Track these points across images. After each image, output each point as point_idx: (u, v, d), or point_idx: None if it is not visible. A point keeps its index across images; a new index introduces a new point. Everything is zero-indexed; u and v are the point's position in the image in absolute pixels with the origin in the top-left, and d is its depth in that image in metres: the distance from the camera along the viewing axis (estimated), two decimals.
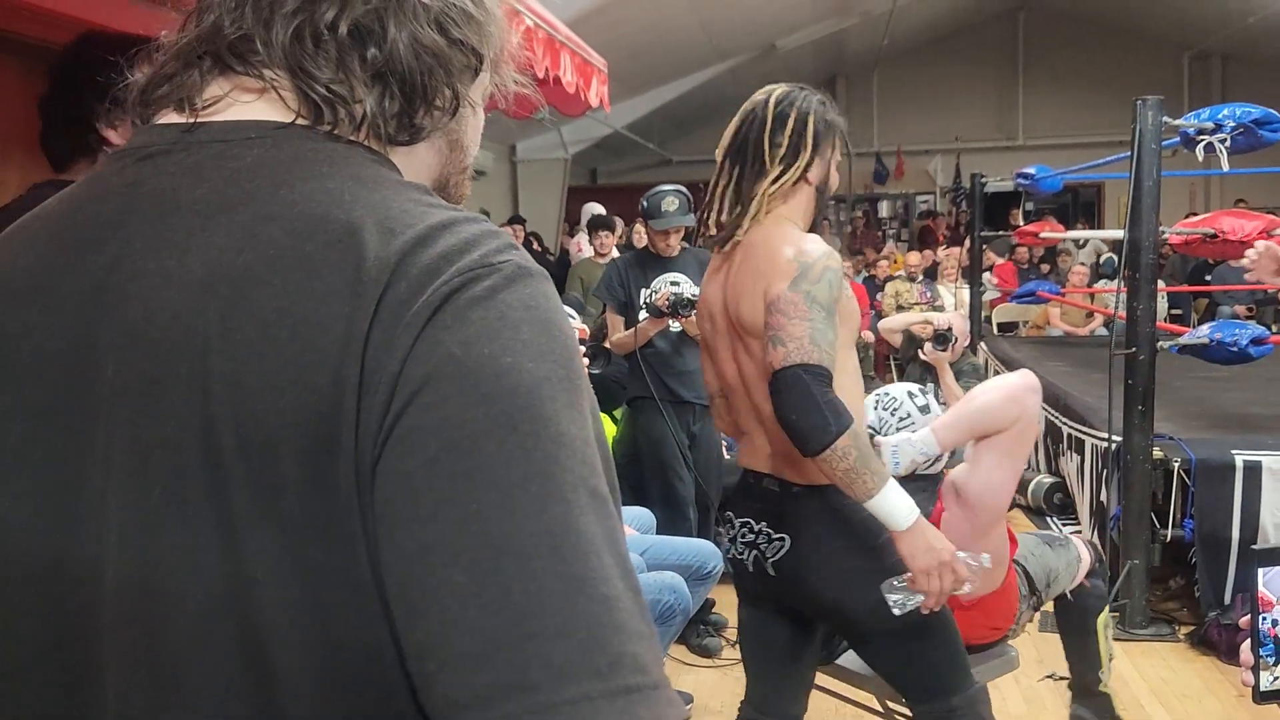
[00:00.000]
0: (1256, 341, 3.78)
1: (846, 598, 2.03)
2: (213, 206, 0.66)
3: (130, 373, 0.63)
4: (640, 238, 7.24)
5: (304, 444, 0.59)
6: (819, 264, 1.92)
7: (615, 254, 7.29)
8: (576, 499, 0.59)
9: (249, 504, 0.60)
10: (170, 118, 0.72)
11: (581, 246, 7.35)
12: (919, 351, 4.87)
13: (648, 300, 4.03)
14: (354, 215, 0.64)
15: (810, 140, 2.08)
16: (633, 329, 4.06)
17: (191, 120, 0.70)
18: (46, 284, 0.68)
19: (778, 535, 2.06)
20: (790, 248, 1.96)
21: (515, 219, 10.60)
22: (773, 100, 2.12)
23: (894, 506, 1.88)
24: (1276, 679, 1.10)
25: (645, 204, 4.10)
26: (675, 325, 4.05)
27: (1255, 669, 1.10)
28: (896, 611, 1.95)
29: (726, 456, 4.70)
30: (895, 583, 1.95)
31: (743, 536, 2.12)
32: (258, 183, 0.66)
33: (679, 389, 4.10)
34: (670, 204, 4.06)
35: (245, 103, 0.70)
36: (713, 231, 2.12)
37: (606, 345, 4.10)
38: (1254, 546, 1.75)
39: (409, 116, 0.72)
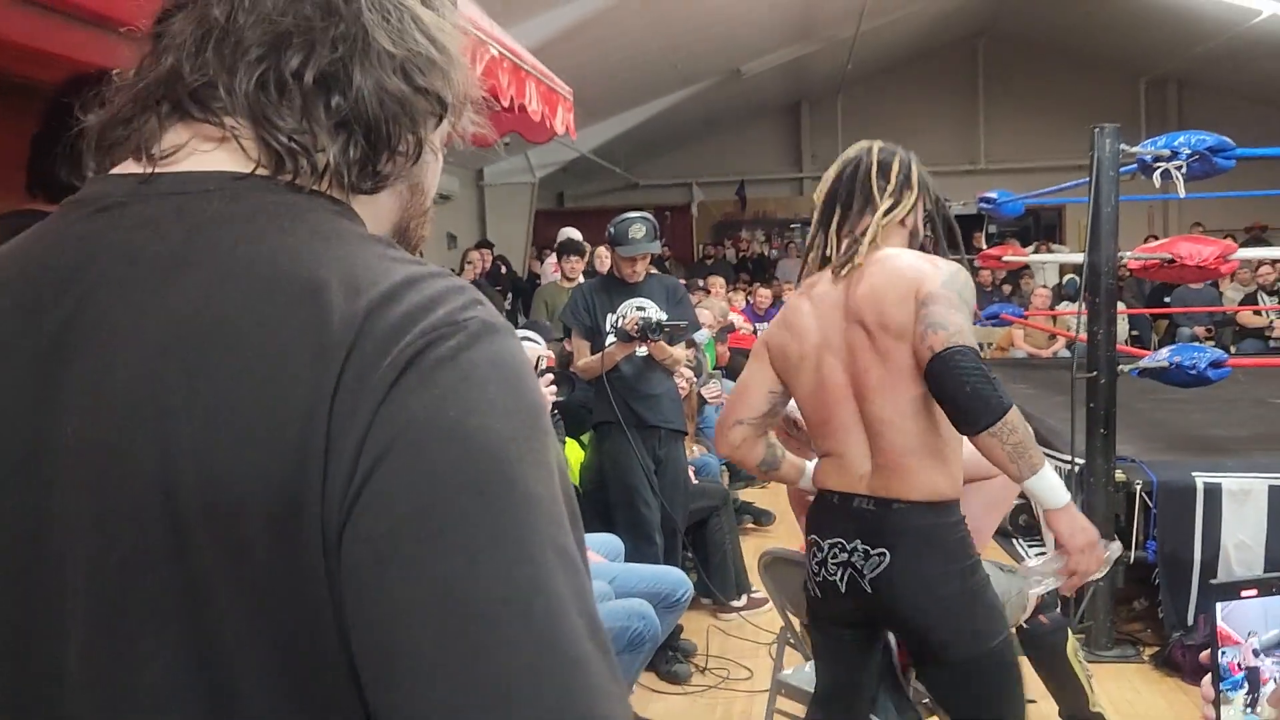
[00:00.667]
0: (1215, 365, 3.83)
1: (939, 617, 2.06)
2: (172, 263, 0.64)
3: (89, 435, 0.62)
4: (603, 263, 7.26)
5: (269, 509, 0.58)
6: (961, 273, 2.08)
7: (581, 279, 7.31)
8: (545, 559, 0.58)
9: (214, 568, 0.59)
10: (128, 166, 0.70)
11: (556, 269, 7.36)
12: None
13: (616, 325, 4.02)
14: (316, 273, 0.62)
15: (915, 183, 2.22)
16: (599, 353, 4.04)
17: (149, 170, 0.68)
18: (1, 339, 0.66)
19: (876, 551, 2.08)
20: (934, 260, 2.12)
21: (483, 243, 10.60)
22: (875, 149, 2.26)
23: (1053, 483, 1.97)
24: (1237, 714, 1.10)
25: (612, 231, 4.10)
26: (642, 350, 4.06)
27: (1215, 704, 1.11)
28: (1037, 591, 2.07)
29: (695, 481, 4.71)
30: (1033, 564, 2.06)
31: (834, 557, 2.14)
32: (217, 238, 0.65)
33: (645, 413, 4.10)
34: (637, 231, 4.06)
35: (204, 152, 0.69)
36: (814, 269, 2.26)
37: (572, 371, 4.09)
38: (1212, 581, 1.76)
39: (373, 164, 0.71)
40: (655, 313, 4.07)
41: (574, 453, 4.53)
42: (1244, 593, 1.11)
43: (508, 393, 0.61)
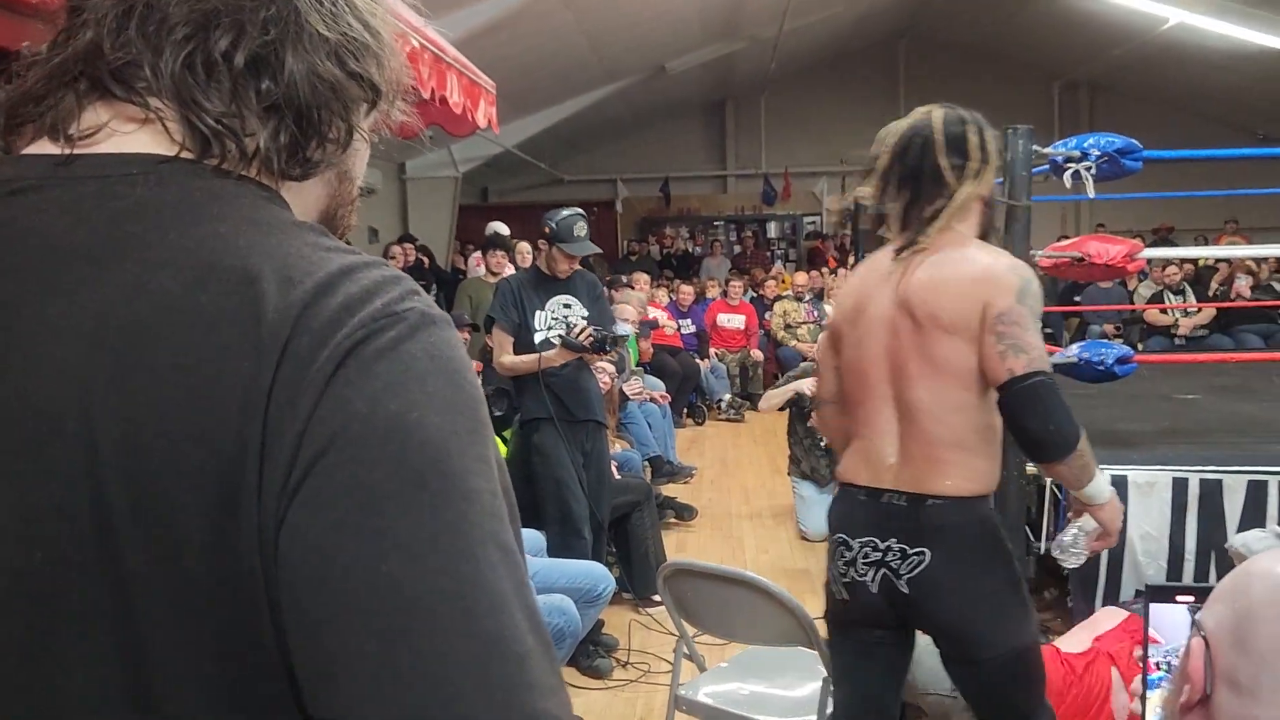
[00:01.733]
0: (1122, 361, 3.94)
1: (979, 616, 2.03)
2: (98, 251, 0.61)
3: (12, 429, 0.59)
4: (524, 258, 7.23)
5: (204, 505, 0.57)
6: (1034, 283, 2.02)
7: (508, 271, 7.28)
8: (486, 555, 0.58)
9: (144, 569, 0.57)
10: (42, 146, 0.67)
11: (481, 263, 7.33)
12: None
13: (565, 335, 4.00)
14: (250, 262, 0.60)
15: (993, 156, 2.11)
16: (534, 355, 4.02)
17: (68, 152, 0.65)
18: None
19: (915, 550, 2.02)
20: (1005, 262, 2.05)
21: (405, 237, 10.49)
22: (940, 121, 2.10)
23: (1102, 486, 2.05)
24: (1154, 710, 1.14)
25: (555, 227, 4.07)
26: (583, 312, 4.12)
27: (1143, 699, 1.15)
28: (1073, 563, 2.19)
29: (617, 476, 4.71)
30: (1065, 539, 2.15)
31: (865, 556, 2.06)
32: (144, 225, 0.62)
33: (575, 408, 4.12)
34: (581, 230, 4.08)
35: (126, 133, 0.66)
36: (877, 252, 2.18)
37: (494, 366, 4.11)
38: (1148, 584, 1.84)
39: (303, 150, 0.69)
40: (579, 309, 4.11)
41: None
42: (1179, 597, 1.15)
43: (448, 386, 0.61)
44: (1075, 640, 3.09)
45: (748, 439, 8.57)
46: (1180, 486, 3.82)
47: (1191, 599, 1.15)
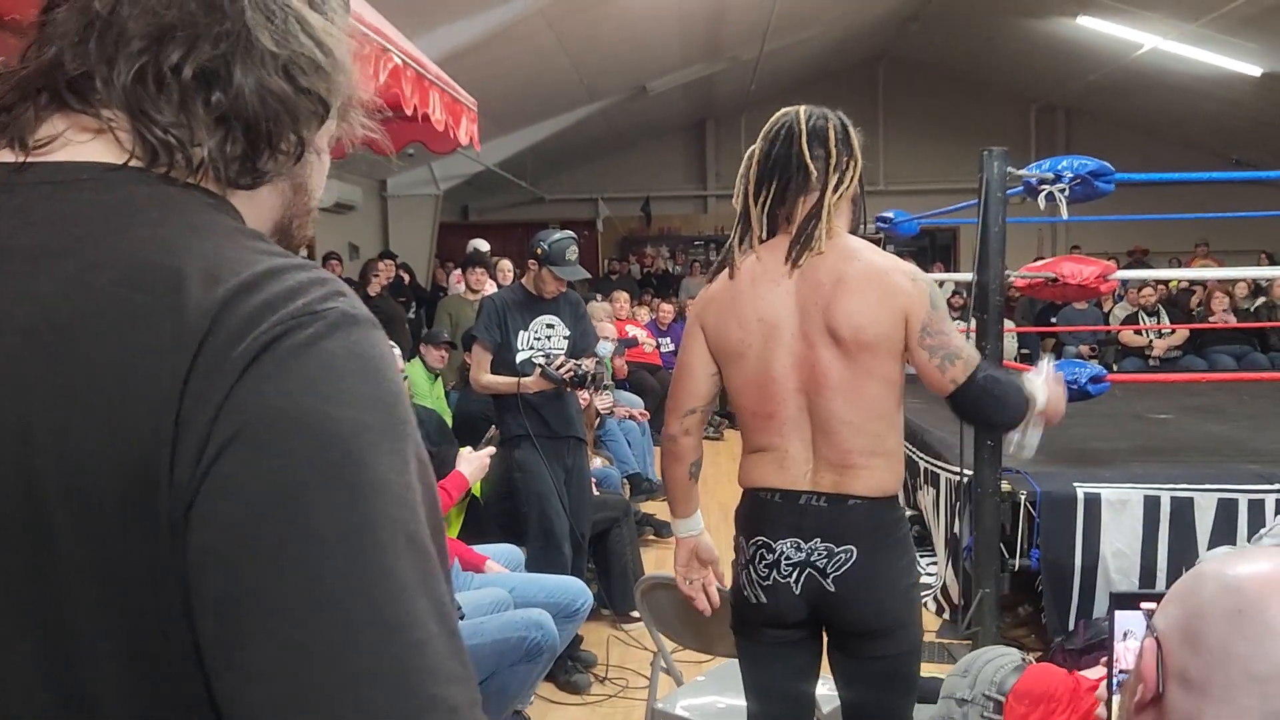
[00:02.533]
0: (1095, 380, 3.99)
1: (895, 612, 2.07)
2: (40, 252, 0.64)
3: None
4: (505, 275, 7.25)
5: (125, 491, 0.59)
6: (933, 283, 2.10)
7: (489, 289, 7.29)
8: (394, 545, 0.59)
9: (73, 552, 0.59)
10: (3, 155, 0.69)
11: (461, 280, 7.34)
12: None
13: (545, 366, 4.01)
14: (182, 263, 0.63)
15: (857, 149, 2.12)
16: (512, 379, 4.05)
17: (21, 159, 0.68)
18: None
19: (841, 548, 2.03)
20: (903, 268, 2.08)
21: (385, 254, 10.49)
22: (802, 115, 2.11)
23: (1039, 386, 2.19)
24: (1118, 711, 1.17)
25: (548, 249, 4.07)
26: (565, 333, 4.16)
27: (1108, 704, 1.17)
28: (1029, 455, 2.29)
29: (596, 492, 4.73)
30: (1028, 430, 2.24)
31: (788, 558, 2.05)
32: (88, 228, 0.65)
33: (556, 425, 4.14)
34: (573, 253, 4.12)
35: (80, 143, 0.69)
36: (747, 255, 2.12)
37: (471, 381, 4.16)
38: (1113, 591, 1.87)
39: (252, 160, 0.72)
40: (562, 329, 4.15)
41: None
42: (1143, 604, 1.17)
43: (364, 383, 0.62)
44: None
45: (726, 457, 8.57)
46: (1152, 504, 3.87)
47: (1155, 605, 1.18)
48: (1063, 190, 3.86)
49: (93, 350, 0.60)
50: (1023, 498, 3.92)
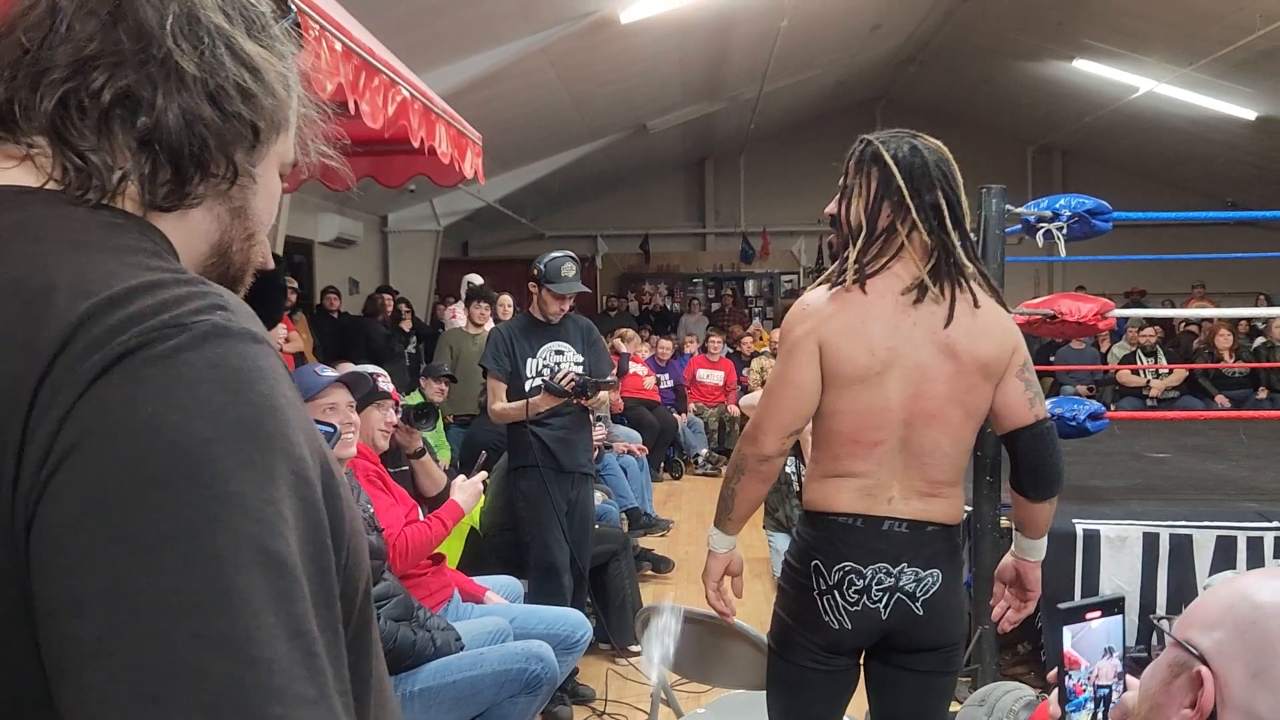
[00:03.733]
0: (1094, 417, 4.01)
1: (962, 630, 2.17)
2: None
3: None
4: (506, 311, 7.27)
5: None
6: None
7: (489, 325, 7.32)
8: (236, 558, 0.57)
9: None
10: None
11: (456, 314, 7.35)
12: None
13: (547, 380, 4.01)
14: (52, 277, 0.63)
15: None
16: (522, 402, 4.02)
17: None
18: None
19: (929, 572, 2.06)
20: (1006, 313, 2.14)
21: (384, 288, 10.53)
22: (926, 153, 2.10)
23: (1044, 543, 2.20)
24: None
25: (544, 269, 4.09)
26: (576, 358, 4.13)
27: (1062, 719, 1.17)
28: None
29: (595, 526, 4.72)
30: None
31: (879, 583, 2.05)
32: None
33: (563, 459, 4.11)
34: (569, 269, 4.09)
35: (5, 169, 0.70)
36: (882, 273, 2.05)
37: (489, 413, 4.10)
38: (1059, 605, 1.87)
39: (180, 184, 0.72)
40: (572, 354, 4.14)
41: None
42: (1088, 615, 1.17)
43: (222, 393, 0.60)
44: None
45: None
46: (1151, 541, 3.87)
47: (1099, 614, 1.18)
48: (1060, 228, 3.90)
49: None
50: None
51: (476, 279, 8.13)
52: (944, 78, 13.63)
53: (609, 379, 4.15)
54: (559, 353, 4.11)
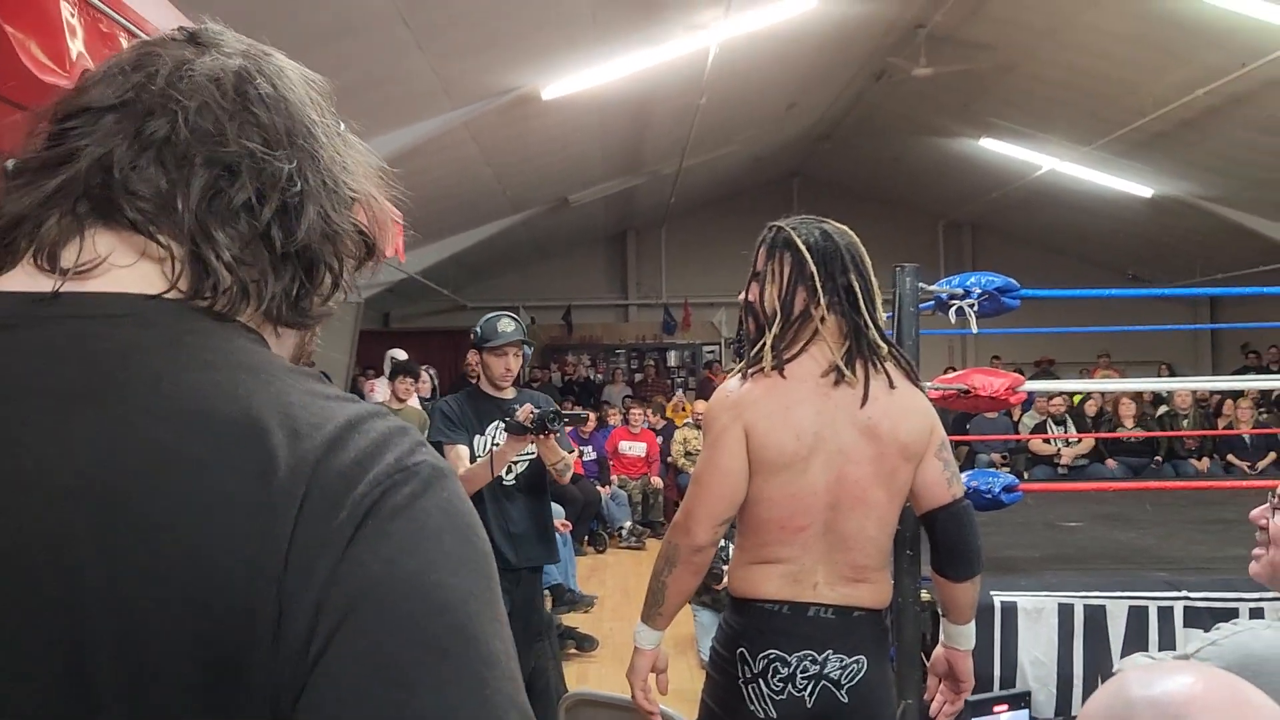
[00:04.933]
0: (1008, 489, 4.09)
1: (893, 713, 2.16)
2: (77, 396, 0.56)
3: None
4: (424, 387, 7.18)
5: (199, 675, 0.53)
6: None
7: (414, 401, 7.25)
8: None
9: None
10: (28, 275, 0.62)
11: (375, 389, 7.26)
12: None
13: (507, 421, 3.52)
14: (252, 412, 0.57)
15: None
16: (485, 458, 3.55)
17: (56, 288, 0.61)
18: None
19: (854, 659, 2.04)
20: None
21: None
22: (835, 235, 2.13)
23: (972, 629, 2.19)
24: None
25: (480, 331, 3.74)
26: (528, 453, 3.65)
27: None
28: None
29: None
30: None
31: (804, 670, 2.03)
32: (131, 370, 0.58)
33: (509, 553, 3.63)
34: (507, 325, 3.74)
35: (123, 267, 0.63)
36: (798, 359, 2.06)
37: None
38: (969, 699, 1.93)
39: (300, 299, 0.68)
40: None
41: None
42: (996, 708, 1.20)
43: (462, 544, 0.59)
44: None
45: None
46: (1066, 612, 3.93)
47: (1005, 707, 1.21)
48: (972, 305, 4.00)
49: (151, 511, 0.54)
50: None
51: (400, 354, 8.05)
52: (857, 154, 14.02)
53: (579, 413, 3.95)
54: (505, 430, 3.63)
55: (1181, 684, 0.89)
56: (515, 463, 3.65)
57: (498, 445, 3.57)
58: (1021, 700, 1.17)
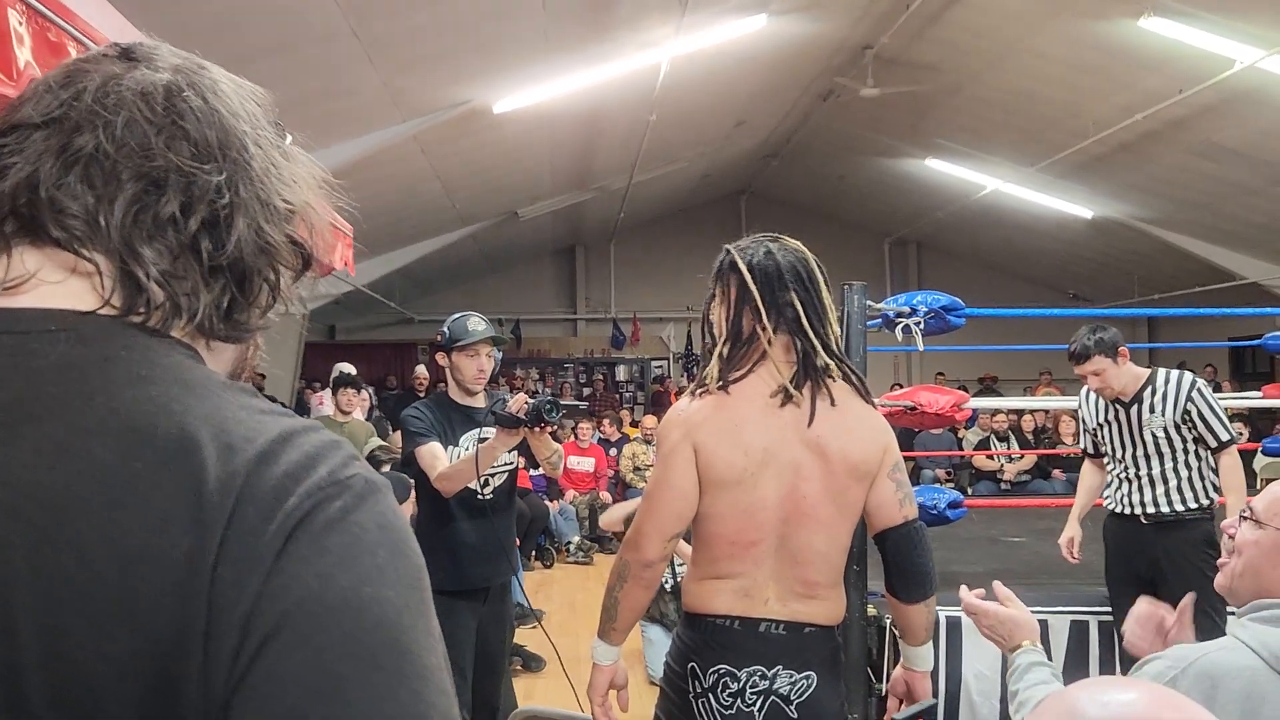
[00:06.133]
0: (953, 505, 4.14)
1: None
2: (13, 415, 0.56)
3: None
4: (364, 405, 7.09)
5: (136, 693, 0.53)
6: None
7: (359, 414, 7.18)
8: None
9: None
10: None
11: (323, 401, 7.20)
12: None
13: (496, 412, 3.17)
14: (187, 427, 0.57)
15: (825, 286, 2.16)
16: (470, 455, 3.20)
17: None
18: None
19: (803, 675, 2.05)
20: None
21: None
22: (778, 255, 2.14)
23: (929, 650, 2.21)
24: None
25: (449, 331, 3.47)
26: (506, 464, 3.42)
27: None
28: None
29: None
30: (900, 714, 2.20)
31: (753, 686, 2.03)
32: (67, 387, 0.57)
33: (475, 574, 3.40)
34: (477, 324, 3.47)
35: (53, 283, 0.62)
36: (744, 378, 2.08)
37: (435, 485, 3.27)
38: (895, 716, 1.95)
39: (232, 313, 0.68)
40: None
41: None
42: None
43: (396, 557, 0.59)
44: None
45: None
46: None
47: None
48: (918, 323, 4.06)
49: (87, 529, 0.54)
50: (888, 622, 3.99)
51: (348, 367, 7.98)
52: (805, 173, 14.16)
53: (575, 403, 3.69)
54: (484, 440, 3.22)
55: (1135, 703, 0.91)
56: (494, 475, 3.42)
57: (485, 440, 3.20)
58: (929, 713, 1.22)
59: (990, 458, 9.98)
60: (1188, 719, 0.90)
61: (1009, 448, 10.09)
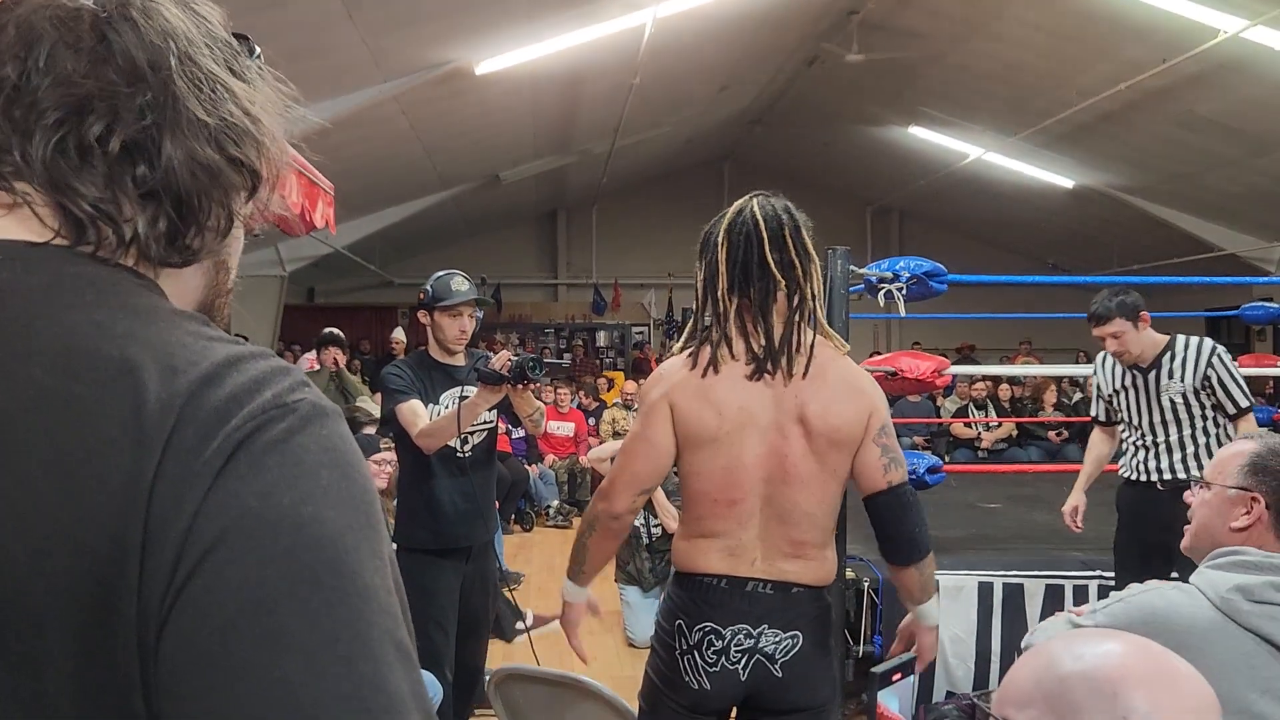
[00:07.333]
0: (932, 470, 4.18)
1: (827, 693, 2.15)
2: None
3: None
4: (341, 358, 7.06)
5: (75, 614, 0.53)
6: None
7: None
8: (384, 655, 0.55)
9: (6, 689, 0.53)
10: None
11: (314, 364, 7.18)
12: None
13: (480, 369, 3.16)
14: (129, 351, 0.57)
15: (813, 249, 2.14)
16: (452, 411, 3.19)
17: None
18: None
19: (789, 634, 2.07)
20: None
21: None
22: (760, 219, 2.12)
23: (935, 606, 2.20)
24: None
25: (431, 289, 3.44)
26: (485, 423, 3.39)
27: None
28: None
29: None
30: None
31: (738, 644, 2.07)
32: (9, 313, 0.58)
33: (456, 532, 3.38)
34: (460, 283, 3.44)
35: (1, 218, 0.63)
36: (718, 346, 2.11)
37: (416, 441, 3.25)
38: (873, 669, 1.97)
39: (181, 238, 0.67)
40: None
41: None
42: (895, 677, 1.24)
43: (342, 479, 0.58)
44: None
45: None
46: (986, 591, 4.03)
47: (900, 675, 1.26)
48: (900, 289, 4.07)
49: (27, 451, 0.54)
50: (866, 585, 4.03)
51: (336, 331, 7.95)
52: (788, 139, 14.11)
53: (558, 361, 3.65)
54: (464, 399, 3.22)
55: (1111, 655, 0.92)
56: (473, 433, 3.40)
57: (466, 397, 3.19)
58: (909, 667, 1.24)
59: (968, 425, 10.04)
60: (1161, 668, 0.91)
61: (986, 416, 10.15)
